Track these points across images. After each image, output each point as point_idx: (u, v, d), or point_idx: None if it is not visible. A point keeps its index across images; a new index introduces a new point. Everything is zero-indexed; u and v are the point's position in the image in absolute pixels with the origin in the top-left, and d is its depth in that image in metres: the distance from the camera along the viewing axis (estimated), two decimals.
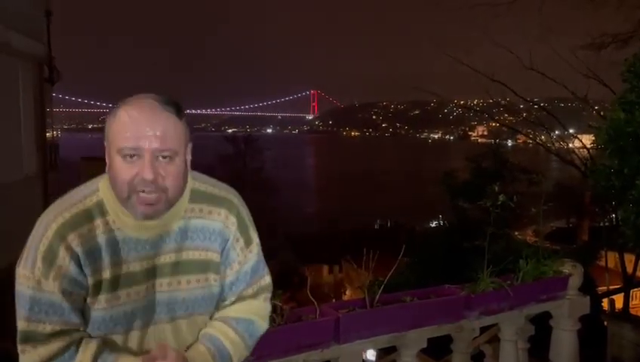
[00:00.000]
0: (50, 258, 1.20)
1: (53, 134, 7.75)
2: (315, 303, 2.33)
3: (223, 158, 36.32)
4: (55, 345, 1.21)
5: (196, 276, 1.35)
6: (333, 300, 22.89)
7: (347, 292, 27.95)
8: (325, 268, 31.78)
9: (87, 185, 1.31)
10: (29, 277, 1.21)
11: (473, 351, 2.97)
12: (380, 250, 2.71)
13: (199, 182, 1.39)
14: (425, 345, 2.57)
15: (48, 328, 1.21)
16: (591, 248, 15.47)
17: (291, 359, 2.17)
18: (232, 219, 1.38)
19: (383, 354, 4.46)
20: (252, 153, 38.16)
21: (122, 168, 1.19)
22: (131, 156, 1.19)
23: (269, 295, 1.49)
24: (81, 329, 1.25)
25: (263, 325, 1.47)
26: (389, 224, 42.25)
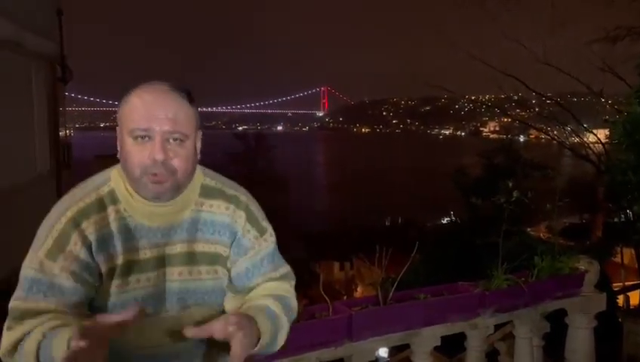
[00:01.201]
0: (62, 242, 1.22)
1: (66, 133, 7.81)
2: (328, 301, 2.32)
3: (233, 156, 36.43)
4: (37, 321, 1.18)
5: (206, 267, 1.36)
6: (345, 297, 22.90)
7: (358, 289, 27.94)
8: (336, 265, 31.80)
9: (100, 175, 1.34)
10: (33, 260, 1.21)
11: (487, 349, 2.95)
12: (391, 246, 2.69)
13: (209, 178, 1.41)
14: (438, 343, 2.56)
15: (42, 305, 1.20)
16: (606, 244, 15.30)
17: (304, 357, 2.17)
18: (240, 213, 1.40)
19: (396, 351, 4.45)
20: (262, 150, 38.23)
21: (134, 149, 1.22)
22: (142, 137, 1.22)
23: (293, 282, 1.50)
24: (81, 311, 1.23)
25: (296, 304, 1.47)
26: (399, 221, 42.15)
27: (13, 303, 1.22)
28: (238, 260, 1.40)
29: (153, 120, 1.21)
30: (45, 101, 6.56)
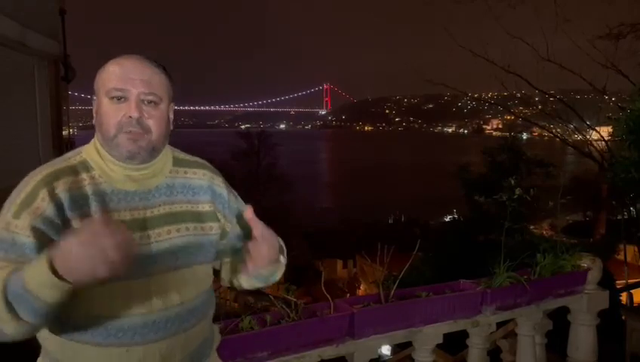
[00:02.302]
0: (28, 201, 1.21)
1: (69, 132, 7.81)
2: (330, 298, 2.32)
3: (236, 154, 36.48)
4: None
5: (193, 224, 1.40)
6: (348, 295, 22.90)
7: (361, 287, 27.92)
8: (339, 263, 31.79)
9: (72, 151, 1.38)
10: (1, 220, 1.21)
11: (490, 347, 2.94)
12: (394, 244, 2.69)
13: (178, 152, 1.49)
14: (441, 341, 2.56)
15: (2, 263, 1.16)
16: (609, 241, 15.27)
17: (306, 354, 2.17)
18: (219, 178, 1.50)
19: (399, 349, 4.44)
20: (265, 149, 38.26)
21: (110, 109, 1.28)
22: (119, 98, 1.28)
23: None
24: None
25: (284, 246, 1.54)
26: (402, 219, 42.12)
27: None
28: (232, 221, 1.48)
29: (129, 81, 1.28)
30: (48, 100, 6.57)
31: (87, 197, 1.27)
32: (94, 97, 1.32)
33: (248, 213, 1.35)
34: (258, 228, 1.34)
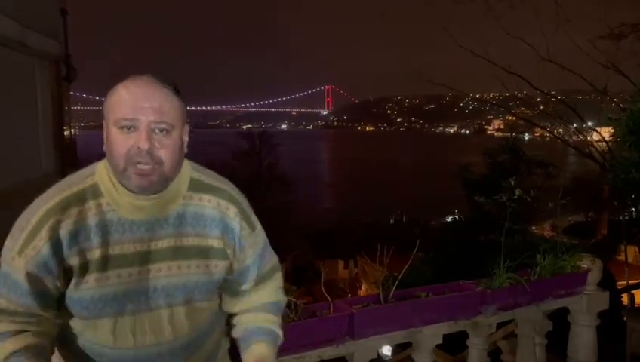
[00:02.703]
0: (30, 238, 1.21)
1: (71, 132, 7.82)
2: (329, 299, 2.32)
3: (238, 154, 36.51)
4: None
5: (196, 261, 1.33)
6: (349, 295, 22.90)
7: (363, 288, 27.93)
8: (341, 264, 31.80)
9: (86, 169, 1.33)
10: (9, 253, 1.23)
11: (489, 348, 2.94)
12: (395, 245, 2.69)
13: (198, 172, 1.40)
14: (440, 341, 2.55)
15: (2, 302, 1.22)
16: (610, 242, 15.25)
17: (306, 355, 2.17)
18: (234, 209, 1.39)
19: (399, 349, 4.45)
20: (267, 149, 38.29)
21: (119, 140, 1.21)
22: (128, 128, 1.20)
23: (279, 274, 1.56)
24: (39, 313, 1.24)
25: (284, 299, 1.58)
26: (404, 219, 42.11)
27: None
28: (237, 257, 1.40)
29: (139, 110, 1.20)
30: (50, 100, 6.58)
31: (89, 230, 1.25)
32: (103, 121, 1.26)
33: None
34: None
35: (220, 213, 1.37)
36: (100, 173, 1.30)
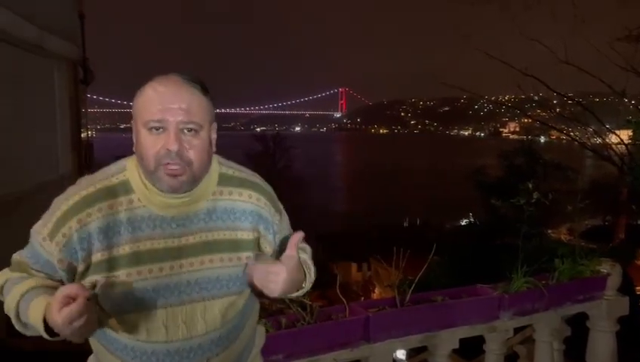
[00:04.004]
0: (59, 224, 1.25)
1: (87, 134, 7.91)
2: (345, 302, 2.31)
3: (252, 157, 36.68)
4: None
5: (228, 254, 1.35)
6: (362, 298, 22.83)
7: (376, 291, 27.83)
8: (354, 266, 31.73)
9: (116, 164, 1.35)
10: (40, 233, 1.28)
11: (507, 352, 2.90)
12: (410, 248, 2.67)
13: (226, 167, 1.42)
14: (457, 346, 2.53)
15: (26, 260, 1.33)
16: (629, 246, 15.01)
17: (321, 358, 2.16)
18: (264, 200, 1.42)
19: (414, 353, 4.41)
20: (281, 151, 38.42)
21: (148, 141, 1.23)
22: (157, 129, 1.22)
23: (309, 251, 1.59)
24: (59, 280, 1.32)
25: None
26: (418, 222, 41.93)
27: (14, 256, 1.37)
28: (273, 244, 1.44)
29: (167, 111, 1.21)
30: (67, 102, 6.66)
31: (120, 224, 1.27)
32: (132, 122, 1.28)
33: (296, 236, 1.33)
34: (293, 253, 1.31)
35: (252, 205, 1.39)
36: (130, 170, 1.32)
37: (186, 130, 1.23)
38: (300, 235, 1.33)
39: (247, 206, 1.38)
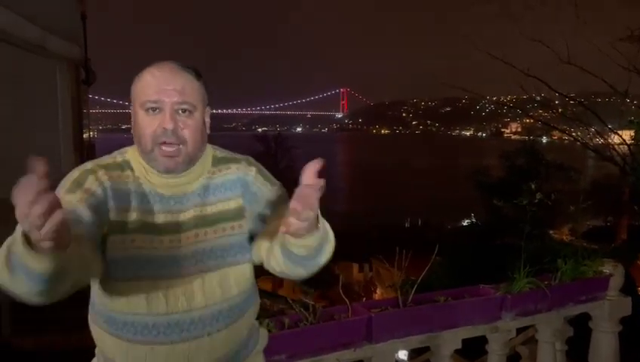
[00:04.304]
0: (79, 181, 1.29)
1: (89, 135, 7.92)
2: (348, 302, 2.31)
3: (254, 157, 36.73)
4: None
5: (223, 225, 1.40)
6: (364, 299, 22.82)
7: (378, 291, 27.80)
8: (355, 267, 31.69)
9: (117, 151, 1.43)
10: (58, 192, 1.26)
11: (509, 353, 2.90)
12: (411, 248, 2.67)
13: (219, 151, 1.50)
14: (459, 346, 2.53)
15: None
16: (631, 247, 14.99)
17: (323, 358, 2.16)
18: (252, 168, 1.47)
19: (416, 354, 4.41)
20: (283, 151, 38.46)
21: (145, 121, 1.31)
22: (153, 110, 1.30)
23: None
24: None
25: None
26: (419, 222, 41.90)
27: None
28: (252, 207, 1.43)
29: (163, 92, 1.29)
30: (69, 103, 6.67)
31: (129, 193, 1.33)
32: (131, 105, 1.36)
33: (314, 165, 1.15)
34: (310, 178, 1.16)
35: (238, 174, 1.45)
36: (131, 153, 1.40)
37: (180, 111, 1.31)
38: (318, 163, 1.16)
39: (233, 176, 1.44)
